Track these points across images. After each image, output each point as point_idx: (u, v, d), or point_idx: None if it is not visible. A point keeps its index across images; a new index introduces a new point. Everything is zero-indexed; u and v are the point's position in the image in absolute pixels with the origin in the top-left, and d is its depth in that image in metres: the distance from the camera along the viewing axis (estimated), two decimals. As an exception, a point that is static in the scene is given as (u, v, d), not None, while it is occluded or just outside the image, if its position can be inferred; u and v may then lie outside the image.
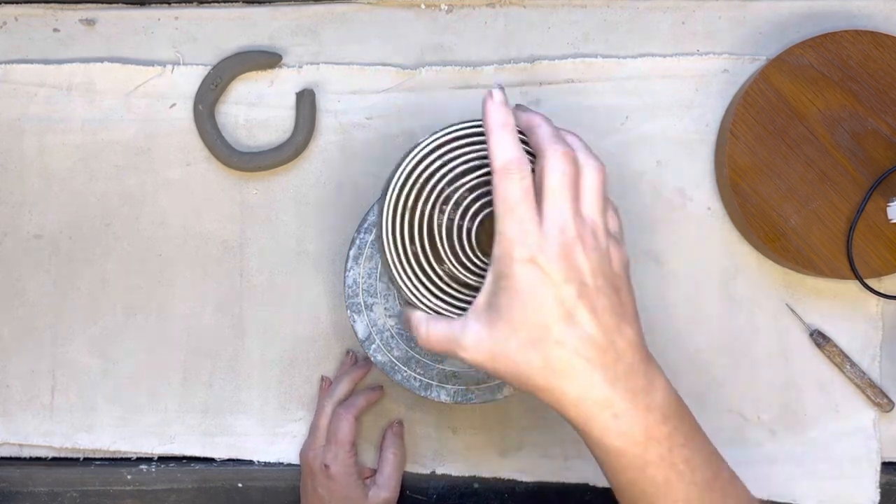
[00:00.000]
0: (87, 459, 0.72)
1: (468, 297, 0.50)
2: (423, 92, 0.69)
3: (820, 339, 0.68)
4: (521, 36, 0.69)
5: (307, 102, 0.68)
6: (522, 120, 0.48)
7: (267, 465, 0.71)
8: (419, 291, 0.50)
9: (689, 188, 0.69)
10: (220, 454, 0.71)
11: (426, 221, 0.50)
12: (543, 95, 0.69)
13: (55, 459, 0.72)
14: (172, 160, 0.70)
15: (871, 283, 0.66)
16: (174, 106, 0.70)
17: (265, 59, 0.69)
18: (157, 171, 0.70)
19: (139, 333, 0.71)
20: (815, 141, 0.65)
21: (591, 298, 0.45)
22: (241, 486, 0.72)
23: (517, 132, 0.46)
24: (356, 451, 0.67)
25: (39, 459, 0.72)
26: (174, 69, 0.69)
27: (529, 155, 0.47)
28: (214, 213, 0.70)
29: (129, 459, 0.72)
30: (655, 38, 0.69)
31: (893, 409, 0.69)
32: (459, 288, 0.50)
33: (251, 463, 0.71)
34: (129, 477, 0.71)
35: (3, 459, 0.72)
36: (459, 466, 0.71)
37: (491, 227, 0.46)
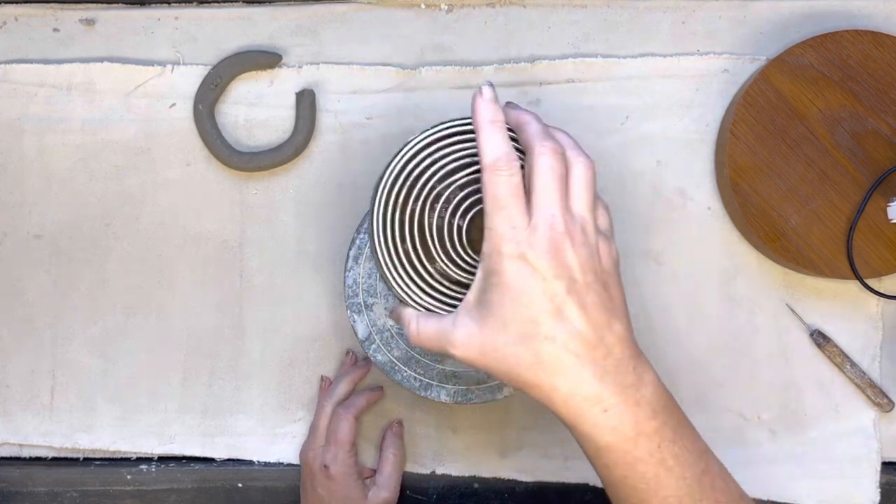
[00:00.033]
0: (86, 459, 0.72)
1: (460, 294, 0.50)
2: (423, 92, 0.69)
3: (820, 339, 0.68)
4: (521, 36, 0.69)
5: (307, 102, 0.68)
6: (512, 117, 0.48)
7: (267, 465, 0.71)
8: (410, 290, 0.50)
9: (689, 188, 0.69)
10: (219, 454, 0.71)
11: (417, 219, 0.50)
12: (543, 95, 0.69)
13: (55, 459, 0.72)
14: (172, 160, 0.70)
15: (871, 283, 0.66)
16: (174, 106, 0.70)
17: (265, 59, 0.69)
18: (157, 171, 0.70)
19: (139, 333, 0.71)
20: (815, 141, 0.65)
21: (580, 294, 0.45)
22: (241, 486, 0.72)
23: (507, 129, 0.46)
24: (356, 451, 0.67)
25: (39, 459, 0.72)
26: (174, 69, 0.69)
27: (519, 152, 0.47)
28: (214, 213, 0.70)
29: (128, 459, 0.72)
30: (655, 37, 0.69)
31: (893, 409, 0.69)
32: (451, 285, 0.50)
33: (251, 463, 0.71)
34: (128, 477, 0.71)
35: (3, 459, 0.72)
36: (459, 466, 0.71)
37: (482, 224, 0.46)
